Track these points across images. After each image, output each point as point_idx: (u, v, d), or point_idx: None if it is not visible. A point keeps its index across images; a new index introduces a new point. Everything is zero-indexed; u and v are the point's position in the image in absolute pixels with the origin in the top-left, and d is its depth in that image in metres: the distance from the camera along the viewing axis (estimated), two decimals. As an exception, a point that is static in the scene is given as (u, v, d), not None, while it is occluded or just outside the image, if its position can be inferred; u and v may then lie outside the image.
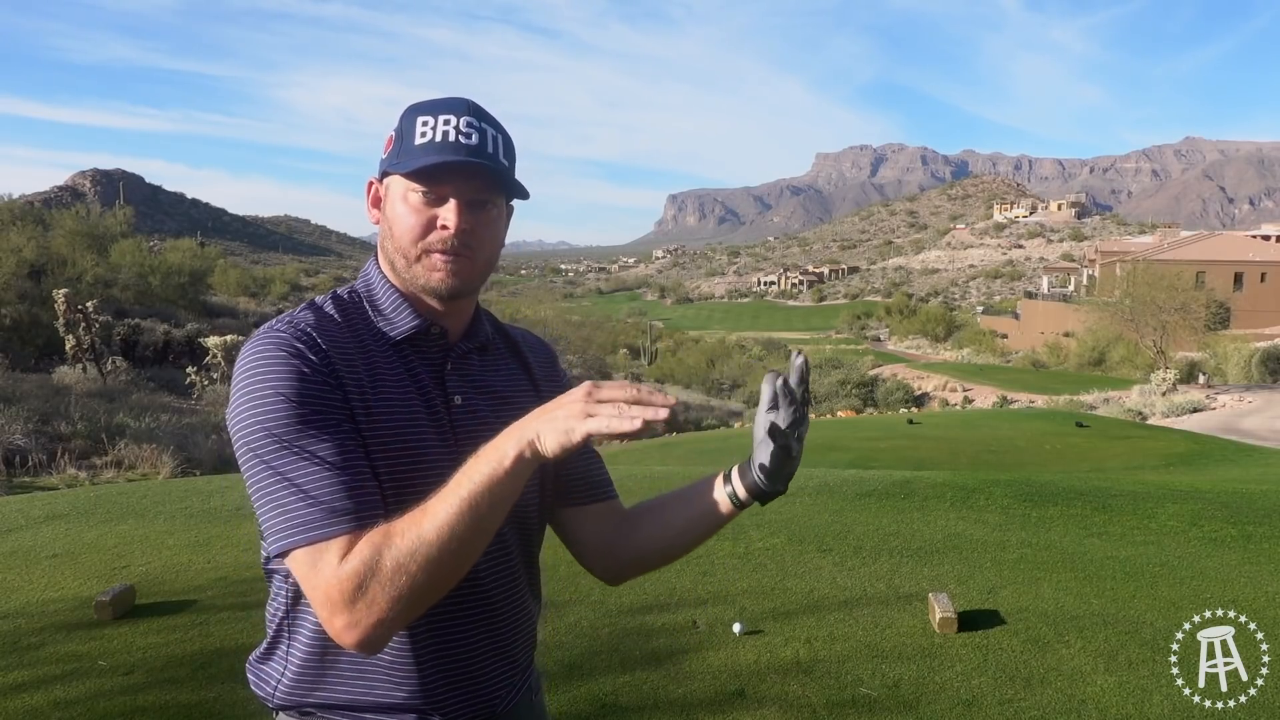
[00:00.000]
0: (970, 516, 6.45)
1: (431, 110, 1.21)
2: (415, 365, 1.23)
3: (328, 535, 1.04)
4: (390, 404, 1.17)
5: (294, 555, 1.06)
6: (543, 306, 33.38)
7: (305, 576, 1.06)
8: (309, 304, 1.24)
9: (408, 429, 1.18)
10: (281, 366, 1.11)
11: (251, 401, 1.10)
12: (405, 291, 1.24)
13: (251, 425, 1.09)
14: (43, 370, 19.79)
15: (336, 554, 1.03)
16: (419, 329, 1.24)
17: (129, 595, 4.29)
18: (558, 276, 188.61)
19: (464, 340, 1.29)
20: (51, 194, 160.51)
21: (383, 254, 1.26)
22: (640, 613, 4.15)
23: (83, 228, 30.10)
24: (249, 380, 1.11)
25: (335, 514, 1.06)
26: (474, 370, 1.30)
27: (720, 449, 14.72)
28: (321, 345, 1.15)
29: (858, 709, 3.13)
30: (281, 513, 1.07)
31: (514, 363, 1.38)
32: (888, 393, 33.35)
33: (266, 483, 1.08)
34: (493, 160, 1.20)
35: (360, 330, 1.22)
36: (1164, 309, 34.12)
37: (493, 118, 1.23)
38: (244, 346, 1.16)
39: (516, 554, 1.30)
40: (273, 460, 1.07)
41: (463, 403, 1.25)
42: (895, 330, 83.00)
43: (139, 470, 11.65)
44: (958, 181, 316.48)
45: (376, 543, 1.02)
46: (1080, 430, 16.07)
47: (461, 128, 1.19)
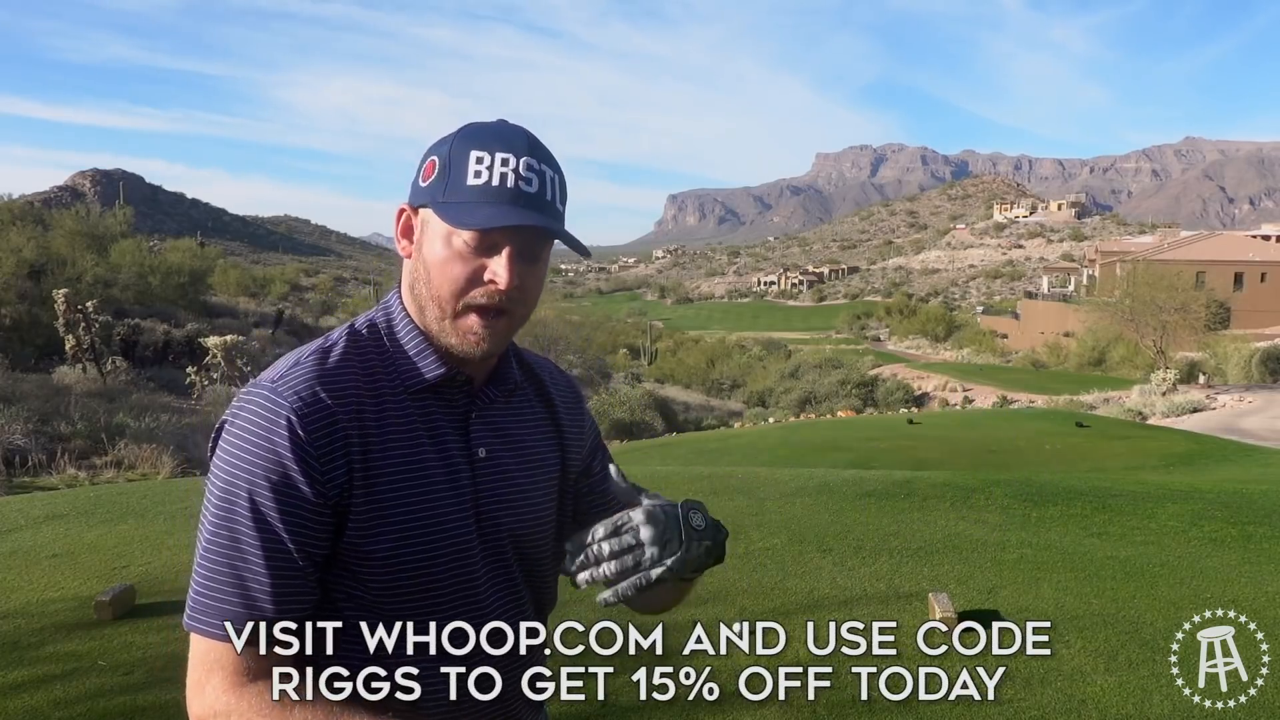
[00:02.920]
0: (970, 516, 6.45)
1: (487, 145, 1.08)
2: (435, 414, 1.14)
3: (226, 636, 1.02)
4: (398, 460, 1.09)
5: (194, 638, 1.05)
6: (543, 306, 33.35)
7: (192, 660, 1.05)
8: (319, 349, 1.12)
9: (414, 485, 1.10)
10: (265, 450, 1.03)
11: (223, 476, 1.05)
12: (428, 334, 1.14)
13: (214, 498, 1.05)
14: (43, 370, 19.78)
15: (224, 670, 1.02)
16: (442, 378, 1.14)
17: (129, 595, 4.29)
18: (558, 276, 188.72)
19: (490, 386, 1.19)
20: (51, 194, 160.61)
21: (409, 294, 1.15)
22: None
23: (83, 228, 30.08)
24: (229, 452, 1.05)
25: (252, 612, 1.02)
26: (499, 418, 1.20)
27: (720, 449, 14.71)
28: (324, 413, 1.06)
29: (858, 709, 3.13)
30: (208, 589, 1.04)
31: (539, 405, 1.27)
32: (888, 393, 33.34)
33: (209, 554, 1.05)
34: (552, 211, 1.09)
35: (377, 375, 1.12)
36: (1164, 309, 34.10)
37: (550, 154, 1.12)
38: (238, 401, 1.09)
39: (522, 584, 1.23)
40: (220, 540, 1.04)
41: (487, 455, 1.16)
42: (895, 330, 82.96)
43: (139, 470, 11.65)
44: (958, 181, 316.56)
45: (247, 715, 1.00)
46: (1080, 430, 16.06)
47: (522, 171, 1.07)
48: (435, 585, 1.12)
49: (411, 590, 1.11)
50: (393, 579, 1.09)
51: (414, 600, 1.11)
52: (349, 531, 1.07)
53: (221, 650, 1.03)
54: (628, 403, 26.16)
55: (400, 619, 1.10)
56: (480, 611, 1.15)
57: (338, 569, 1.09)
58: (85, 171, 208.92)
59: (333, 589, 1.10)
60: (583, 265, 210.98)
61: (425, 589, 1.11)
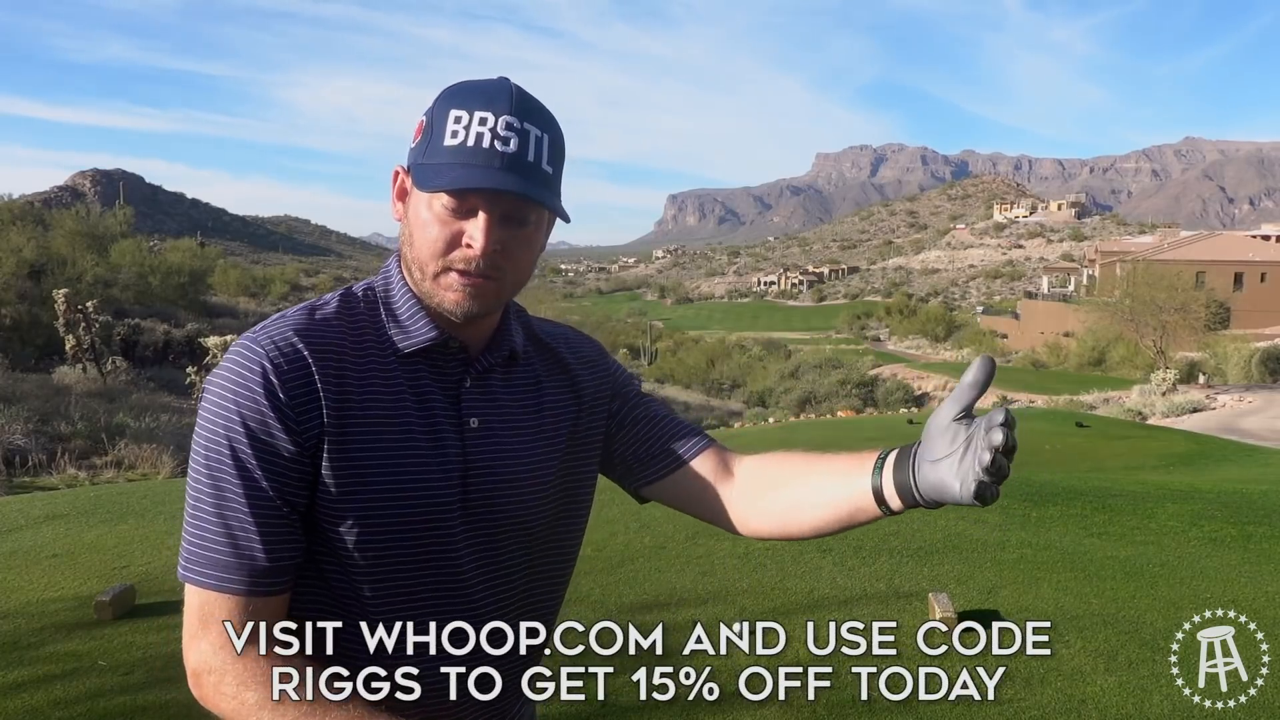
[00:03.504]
0: (970, 516, 6.45)
1: (467, 102, 1.04)
2: (424, 380, 1.11)
3: (225, 587, 1.02)
4: (377, 420, 1.07)
5: (189, 589, 1.04)
6: (543, 306, 33.41)
7: (187, 610, 1.04)
8: (309, 305, 1.12)
9: (393, 447, 1.07)
10: (241, 397, 1.03)
11: (205, 426, 1.05)
12: (423, 298, 1.12)
13: (198, 449, 1.05)
14: (43, 370, 19.80)
15: (219, 626, 1.02)
16: (434, 342, 1.11)
17: (129, 595, 4.29)
18: (558, 276, 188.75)
19: (486, 353, 1.15)
20: (51, 194, 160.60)
21: (404, 258, 1.13)
22: (640, 611, 4.15)
23: (83, 228, 30.11)
24: (209, 402, 1.05)
25: (241, 566, 1.02)
26: (497, 387, 1.16)
27: (720, 449, 14.70)
28: (300, 363, 1.04)
29: (858, 709, 3.13)
30: (199, 540, 1.04)
31: (547, 370, 1.23)
32: (888, 393, 33.36)
33: (198, 505, 1.05)
34: (531, 175, 1.04)
35: (365, 336, 1.10)
36: (1164, 309, 34.11)
37: (540, 108, 1.07)
38: (226, 351, 1.09)
39: (519, 576, 1.19)
40: (206, 489, 1.04)
41: (479, 425, 1.13)
42: (895, 330, 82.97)
43: (139, 470, 11.65)
44: (958, 181, 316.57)
45: (241, 676, 1.00)
46: (1080, 430, 16.06)
47: (499, 130, 1.03)
48: (412, 554, 1.09)
49: (386, 558, 1.08)
50: (368, 541, 1.07)
51: (388, 567, 1.08)
52: (321, 486, 1.05)
53: (216, 602, 1.02)
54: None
55: (381, 591, 1.08)
56: (462, 591, 1.12)
57: (315, 533, 1.07)
58: (85, 171, 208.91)
59: (315, 554, 1.08)
60: (582, 265, 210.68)
61: (400, 556, 1.08)
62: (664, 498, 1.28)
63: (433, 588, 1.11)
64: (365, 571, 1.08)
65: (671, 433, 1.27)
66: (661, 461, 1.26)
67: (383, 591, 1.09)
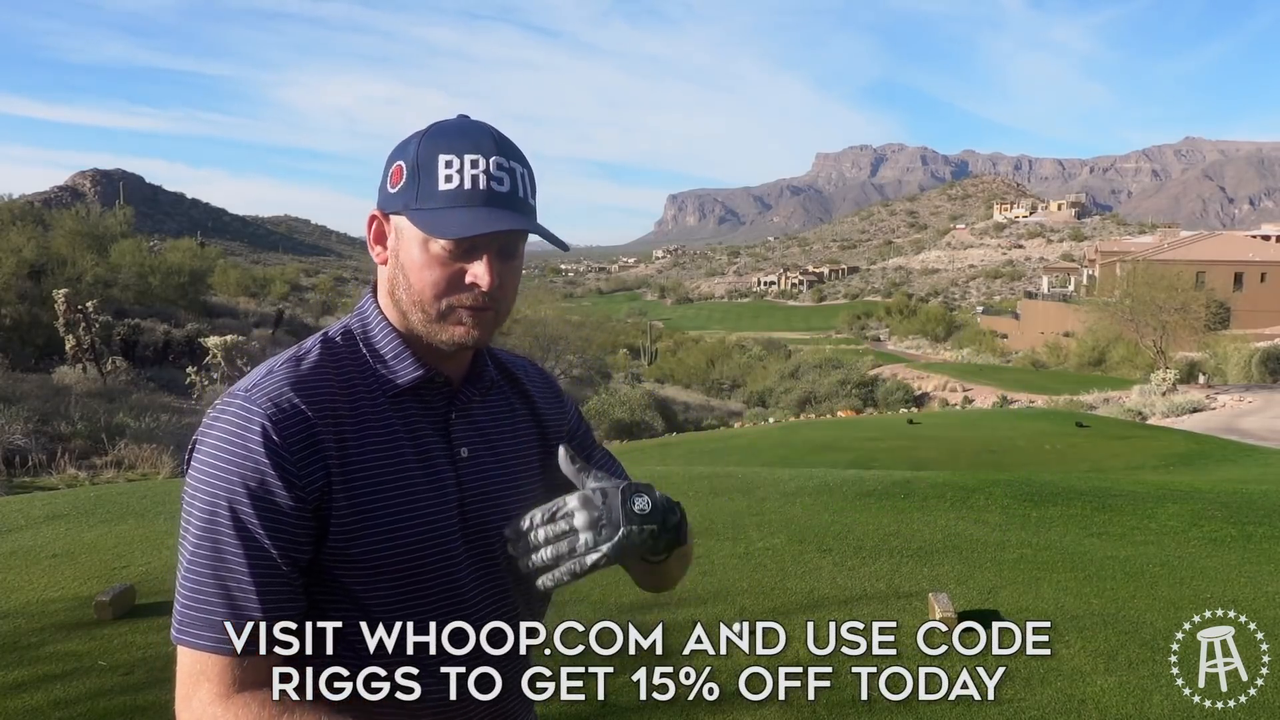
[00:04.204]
0: (970, 516, 6.45)
1: (454, 147, 1.07)
2: (414, 417, 1.13)
3: (220, 649, 1.02)
4: (377, 462, 1.08)
5: (181, 651, 1.05)
6: (543, 306, 33.46)
7: (180, 674, 1.05)
8: (293, 356, 1.11)
9: (396, 487, 1.09)
10: (241, 458, 1.02)
11: (201, 488, 1.04)
12: (408, 337, 1.14)
13: (194, 511, 1.04)
14: (43, 370, 19.79)
15: (210, 681, 1.02)
16: (421, 379, 1.13)
17: (129, 595, 4.29)
18: (558, 276, 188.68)
19: (468, 385, 1.19)
20: (51, 194, 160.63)
21: (389, 299, 1.14)
22: (640, 611, 4.15)
23: (83, 228, 30.09)
24: (205, 463, 1.04)
25: (240, 620, 1.02)
26: (479, 417, 1.20)
27: (720, 449, 14.72)
28: (299, 418, 1.05)
29: (858, 709, 3.13)
30: (194, 602, 1.04)
31: (517, 401, 1.27)
32: (888, 393, 33.35)
33: (194, 568, 1.04)
34: (525, 207, 1.09)
35: (353, 380, 1.11)
36: (1164, 309, 34.11)
37: (516, 149, 1.11)
38: (212, 412, 1.08)
39: (511, 586, 1.19)
40: (204, 553, 1.03)
41: (470, 454, 1.17)
42: (895, 330, 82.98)
43: (139, 470, 11.65)
44: (958, 181, 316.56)
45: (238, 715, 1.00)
46: (1080, 430, 16.06)
47: (493, 171, 1.07)
48: (420, 588, 1.11)
49: (396, 593, 1.10)
50: (376, 582, 1.08)
51: (399, 604, 1.10)
52: (331, 535, 1.06)
53: (208, 662, 1.03)
54: (628, 403, 26.15)
55: (392, 621, 1.09)
56: (467, 613, 1.14)
57: (321, 576, 1.08)
58: (85, 171, 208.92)
59: (317, 596, 1.09)
60: (582, 265, 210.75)
61: (410, 591, 1.10)
62: None
63: (435, 611, 1.13)
64: (373, 606, 1.10)
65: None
66: None
67: (385, 604, 1.10)
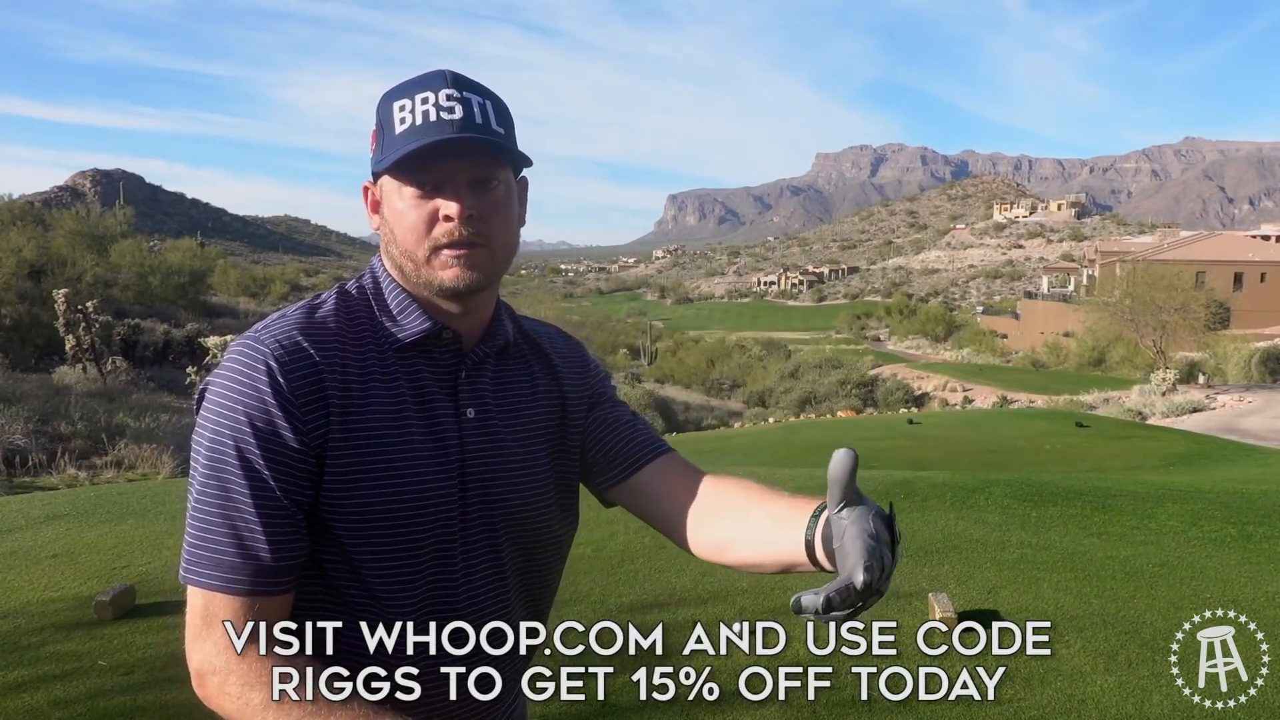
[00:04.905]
0: (970, 516, 6.44)
1: (406, 91, 1.09)
2: (422, 374, 1.13)
3: (229, 588, 1.02)
4: (379, 415, 1.08)
5: (191, 590, 1.04)
6: (542, 306, 33.44)
7: (190, 612, 1.04)
8: (307, 304, 1.14)
9: (395, 442, 1.09)
10: (248, 396, 1.04)
11: (209, 427, 1.05)
12: (413, 293, 1.14)
13: (201, 450, 1.05)
14: (43, 370, 19.80)
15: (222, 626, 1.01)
16: (428, 333, 1.13)
17: (129, 595, 4.29)
18: (558, 276, 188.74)
19: (481, 344, 1.18)
20: (51, 194, 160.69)
21: (388, 258, 1.16)
22: (640, 611, 4.15)
23: (83, 228, 30.11)
24: (213, 402, 1.05)
25: (246, 565, 1.02)
26: (491, 379, 1.19)
27: (720, 449, 14.71)
28: (305, 361, 1.06)
29: (858, 709, 3.13)
30: (202, 541, 1.04)
31: (536, 365, 1.26)
32: (888, 393, 33.35)
33: (202, 506, 1.04)
34: (483, 130, 1.08)
35: (363, 332, 1.12)
36: (1164, 309, 34.11)
37: (477, 83, 1.11)
38: (227, 351, 1.09)
39: (511, 577, 1.20)
40: (211, 490, 1.04)
41: (475, 416, 1.15)
42: (895, 330, 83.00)
43: (139, 470, 11.65)
44: (958, 181, 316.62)
45: (246, 677, 0.99)
46: (1080, 430, 16.06)
47: (442, 102, 1.07)
48: (414, 548, 1.10)
49: (387, 551, 1.09)
50: (369, 536, 1.08)
51: (390, 562, 1.09)
52: (326, 483, 1.06)
53: (220, 603, 1.02)
54: (627, 402, 26.11)
55: (381, 583, 1.09)
56: (466, 589, 1.14)
57: (315, 528, 1.08)
58: (85, 171, 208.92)
59: (317, 551, 1.09)
60: (582, 265, 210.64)
61: (402, 550, 1.09)
62: (626, 503, 1.29)
63: (432, 579, 1.12)
64: (365, 563, 1.09)
65: (636, 438, 1.29)
66: (623, 464, 1.27)
67: (382, 584, 1.10)
